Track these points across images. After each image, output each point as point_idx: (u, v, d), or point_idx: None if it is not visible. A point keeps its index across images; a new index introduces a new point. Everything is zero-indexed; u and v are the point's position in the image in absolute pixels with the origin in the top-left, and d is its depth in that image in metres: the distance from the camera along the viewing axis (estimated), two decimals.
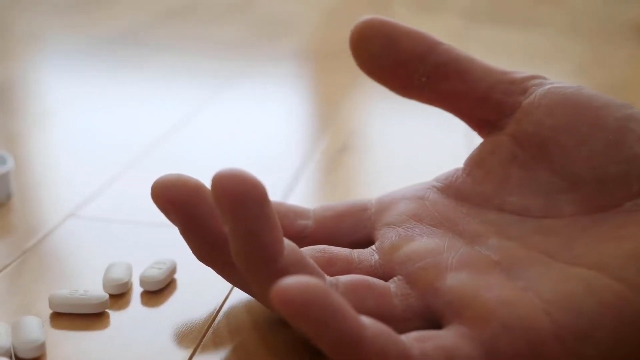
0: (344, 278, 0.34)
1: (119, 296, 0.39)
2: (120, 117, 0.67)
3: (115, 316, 0.37)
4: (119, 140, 0.62)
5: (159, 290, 0.39)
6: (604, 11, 1.16)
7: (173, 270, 0.40)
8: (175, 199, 0.33)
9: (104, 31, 1.00)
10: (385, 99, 0.74)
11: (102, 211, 0.49)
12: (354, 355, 0.28)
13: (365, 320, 0.29)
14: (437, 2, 1.25)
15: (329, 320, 0.28)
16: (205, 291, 0.40)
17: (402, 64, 0.38)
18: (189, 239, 0.34)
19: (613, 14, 1.14)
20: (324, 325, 0.28)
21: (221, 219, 0.31)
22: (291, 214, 0.39)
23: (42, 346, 0.34)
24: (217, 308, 0.38)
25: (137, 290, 0.40)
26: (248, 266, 0.32)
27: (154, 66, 0.84)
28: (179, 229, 0.34)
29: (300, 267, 0.32)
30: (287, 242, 0.32)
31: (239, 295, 0.39)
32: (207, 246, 0.34)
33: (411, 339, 0.31)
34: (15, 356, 0.34)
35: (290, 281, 0.28)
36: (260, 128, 0.65)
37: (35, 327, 0.34)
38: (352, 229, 0.39)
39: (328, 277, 0.34)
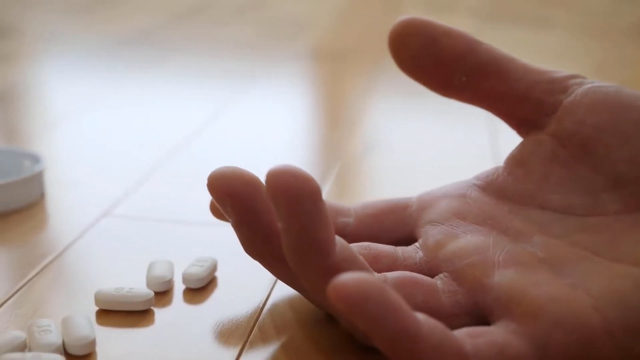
0: (392, 274, 0.34)
1: (162, 294, 0.39)
2: (143, 117, 0.67)
3: (159, 314, 0.38)
4: (144, 139, 0.62)
5: (201, 288, 0.40)
6: (613, 11, 1.16)
7: (214, 268, 0.41)
8: (232, 191, 0.33)
9: (117, 32, 1.00)
10: (401, 98, 0.75)
11: (135, 210, 0.49)
12: (410, 351, 0.29)
13: (420, 316, 0.30)
14: (447, 2, 1.26)
15: (387, 316, 0.28)
16: (246, 288, 0.40)
17: (442, 63, 0.39)
18: (242, 231, 0.34)
19: (623, 14, 1.15)
20: (382, 321, 0.28)
21: (275, 214, 0.32)
22: (332, 212, 0.40)
23: (92, 343, 0.34)
24: (261, 305, 0.38)
25: (178, 288, 0.40)
26: (300, 262, 0.32)
27: (171, 66, 0.84)
28: (232, 221, 0.34)
29: (351, 263, 0.32)
30: (337, 238, 0.33)
31: (282, 292, 0.40)
32: (259, 240, 0.34)
33: (463, 334, 0.31)
34: (66, 353, 0.34)
35: (348, 277, 0.28)
36: (281, 128, 0.66)
37: (85, 324, 0.35)
38: (393, 226, 0.39)
39: (376, 274, 0.34)
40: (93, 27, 1.03)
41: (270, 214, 0.34)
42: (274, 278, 0.41)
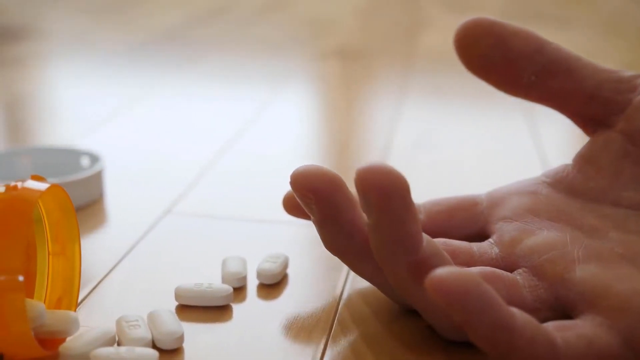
0: (475, 269, 0.35)
1: (237, 290, 0.40)
2: (186, 116, 0.68)
3: (236, 309, 0.38)
4: (193, 138, 0.63)
5: (274, 284, 0.41)
6: (637, 10, 1.17)
7: (287, 264, 0.41)
8: (316, 188, 0.34)
9: (143, 32, 1.01)
10: (436, 97, 0.75)
11: (194, 208, 0.50)
12: (506, 343, 0.29)
13: (514, 309, 0.30)
14: (468, 1, 1.26)
15: (485, 309, 0.29)
16: (319, 284, 0.41)
17: (512, 63, 0.39)
18: (326, 228, 0.35)
19: None
20: (480, 314, 0.29)
21: (364, 210, 0.32)
22: None
23: (181, 338, 0.35)
24: (337, 300, 0.39)
25: (252, 284, 0.41)
26: (389, 256, 0.33)
27: (202, 66, 0.85)
28: (315, 218, 0.34)
29: (438, 258, 0.33)
30: (423, 234, 0.33)
31: (354, 287, 0.40)
32: (343, 236, 0.34)
33: (551, 328, 0.32)
34: (155, 347, 0.35)
35: (446, 271, 0.29)
36: (321, 126, 0.66)
37: (173, 319, 0.35)
38: (464, 223, 0.40)
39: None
40: (118, 27, 1.03)
41: (353, 211, 0.34)
42: (346, 274, 0.42)
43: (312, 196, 0.34)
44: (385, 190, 0.32)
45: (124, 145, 0.61)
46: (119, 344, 0.35)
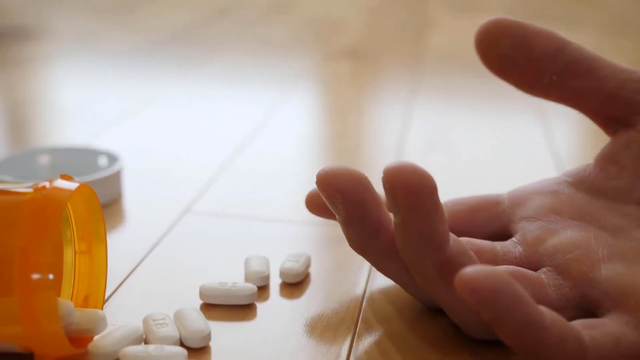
0: (500, 268, 0.35)
1: (260, 288, 0.40)
2: (199, 115, 0.68)
3: (260, 308, 0.39)
4: (209, 138, 0.63)
5: (297, 283, 0.41)
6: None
7: (309, 263, 0.42)
8: (343, 188, 0.34)
9: (152, 32, 1.01)
10: (448, 98, 0.76)
11: (213, 207, 0.50)
12: (535, 341, 0.30)
13: (542, 308, 0.30)
14: (473, 3, 1.26)
15: (515, 307, 0.29)
16: (341, 283, 0.41)
17: (533, 63, 0.39)
18: (352, 227, 0.35)
19: None
20: (510, 312, 0.29)
21: (391, 209, 0.33)
22: None
23: (208, 336, 0.35)
24: (360, 299, 0.39)
25: (273, 283, 0.41)
26: (416, 255, 0.33)
27: (214, 65, 0.85)
28: (342, 217, 0.35)
29: (465, 257, 0.33)
30: (450, 233, 0.34)
31: (376, 286, 0.41)
32: (368, 235, 0.35)
33: (579, 326, 0.32)
34: (182, 345, 0.35)
35: (475, 270, 0.29)
36: (335, 125, 0.67)
37: (199, 317, 0.36)
38: (486, 222, 0.40)
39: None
40: (123, 27, 1.04)
41: (379, 210, 0.35)
42: (367, 273, 0.42)
43: (338, 195, 0.34)
44: (414, 189, 0.32)
45: (138, 145, 0.61)
46: (146, 342, 0.35)
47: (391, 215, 0.37)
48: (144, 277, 0.41)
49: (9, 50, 0.90)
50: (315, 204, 0.42)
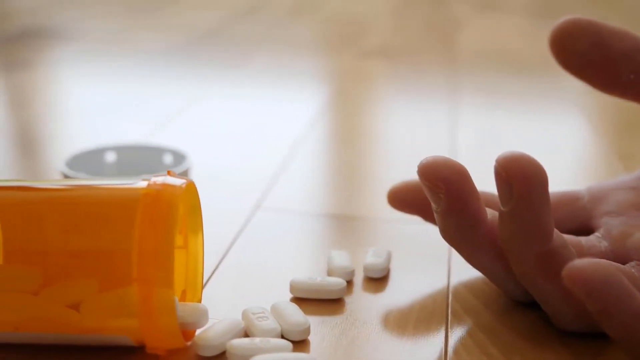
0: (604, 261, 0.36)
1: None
2: (249, 114, 0.69)
3: (348, 301, 0.39)
4: (262, 137, 0.63)
5: (380, 278, 0.42)
6: None
7: (390, 259, 0.42)
8: (447, 178, 0.35)
9: (182, 31, 1.02)
10: (486, 96, 0.76)
11: (281, 203, 0.51)
12: None
13: None
14: (495, 2, 1.27)
15: (623, 298, 0.30)
16: (421, 278, 0.42)
17: (610, 62, 0.40)
18: (451, 217, 0.35)
19: None
20: (619, 302, 0.30)
21: (501, 198, 0.33)
22: None
23: (308, 329, 0.36)
24: (445, 292, 0.40)
25: (357, 278, 0.42)
26: (522, 244, 0.34)
27: (251, 65, 0.86)
28: (442, 208, 0.35)
29: (566, 250, 0.34)
30: None
31: (458, 280, 0.41)
32: (465, 226, 0.35)
33: None
34: (283, 338, 0.36)
35: (584, 262, 0.30)
36: (384, 123, 0.67)
37: (298, 311, 0.36)
38: (566, 217, 0.41)
39: None
40: (156, 26, 1.04)
41: (478, 202, 0.35)
42: (447, 268, 0.43)
43: (442, 186, 0.35)
44: (528, 178, 0.33)
45: (193, 144, 0.61)
46: (246, 335, 0.36)
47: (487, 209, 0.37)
48: (230, 273, 0.42)
49: (40, 49, 0.90)
50: (398, 199, 0.43)
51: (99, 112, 0.69)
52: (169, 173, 0.35)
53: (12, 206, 0.34)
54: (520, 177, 0.32)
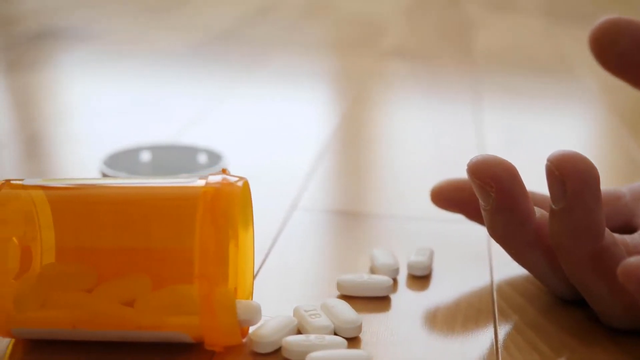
0: None
1: None
2: (275, 115, 0.69)
3: (394, 299, 0.40)
4: (292, 137, 0.64)
5: (423, 276, 0.42)
6: None
7: (433, 257, 0.43)
8: (498, 177, 0.35)
9: (197, 32, 1.02)
10: (510, 97, 0.77)
11: (316, 203, 0.51)
12: None
13: None
14: (508, 2, 1.28)
15: None
16: (464, 276, 0.42)
17: None
18: (500, 215, 0.36)
19: None
20: None
21: (554, 195, 0.34)
22: (547, 201, 0.42)
23: (360, 326, 0.36)
24: (490, 290, 0.41)
25: (400, 276, 0.42)
26: (573, 242, 0.34)
27: (271, 65, 0.86)
28: (492, 206, 0.35)
29: (617, 248, 0.34)
30: None
31: (501, 278, 0.42)
32: (515, 224, 0.36)
33: None
34: (335, 335, 0.36)
35: (638, 260, 0.31)
36: (411, 123, 0.68)
37: (349, 308, 0.37)
38: (609, 216, 0.41)
39: None
40: (170, 26, 1.05)
41: (527, 200, 0.36)
42: (489, 266, 0.43)
43: (493, 184, 0.35)
44: (582, 176, 0.33)
45: (222, 144, 0.62)
46: (299, 332, 0.36)
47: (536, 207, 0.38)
48: (274, 272, 0.42)
49: (56, 50, 0.91)
50: (441, 198, 0.43)
51: (119, 112, 0.69)
52: (223, 171, 0.35)
53: (64, 204, 0.34)
54: (574, 175, 0.33)
